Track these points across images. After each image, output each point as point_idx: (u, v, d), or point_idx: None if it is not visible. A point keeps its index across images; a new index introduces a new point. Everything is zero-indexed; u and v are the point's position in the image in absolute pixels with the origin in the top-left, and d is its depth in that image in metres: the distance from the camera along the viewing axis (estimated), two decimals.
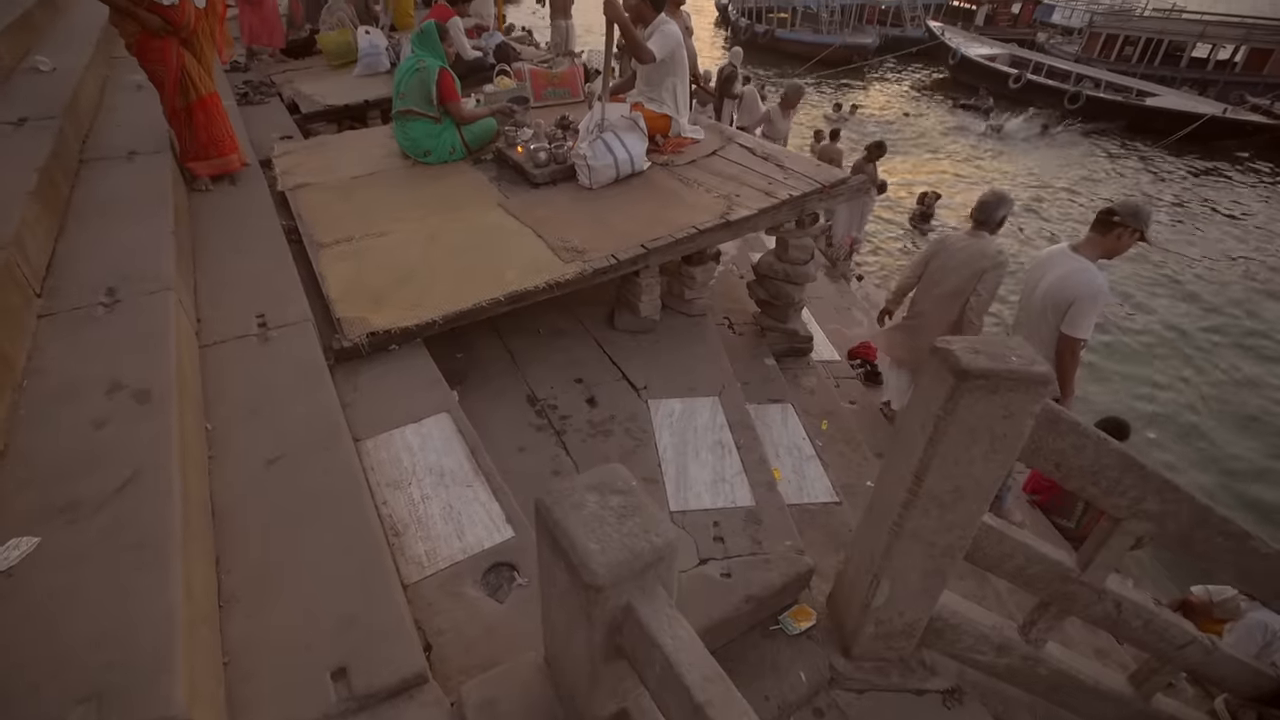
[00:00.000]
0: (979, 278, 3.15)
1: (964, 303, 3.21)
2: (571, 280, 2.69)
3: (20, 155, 2.41)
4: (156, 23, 2.65)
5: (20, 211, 2.00)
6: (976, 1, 23.14)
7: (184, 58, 2.81)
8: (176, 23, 2.71)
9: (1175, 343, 7.13)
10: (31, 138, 2.59)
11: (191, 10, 2.76)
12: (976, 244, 3.23)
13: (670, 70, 3.71)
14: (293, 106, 5.35)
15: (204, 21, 2.90)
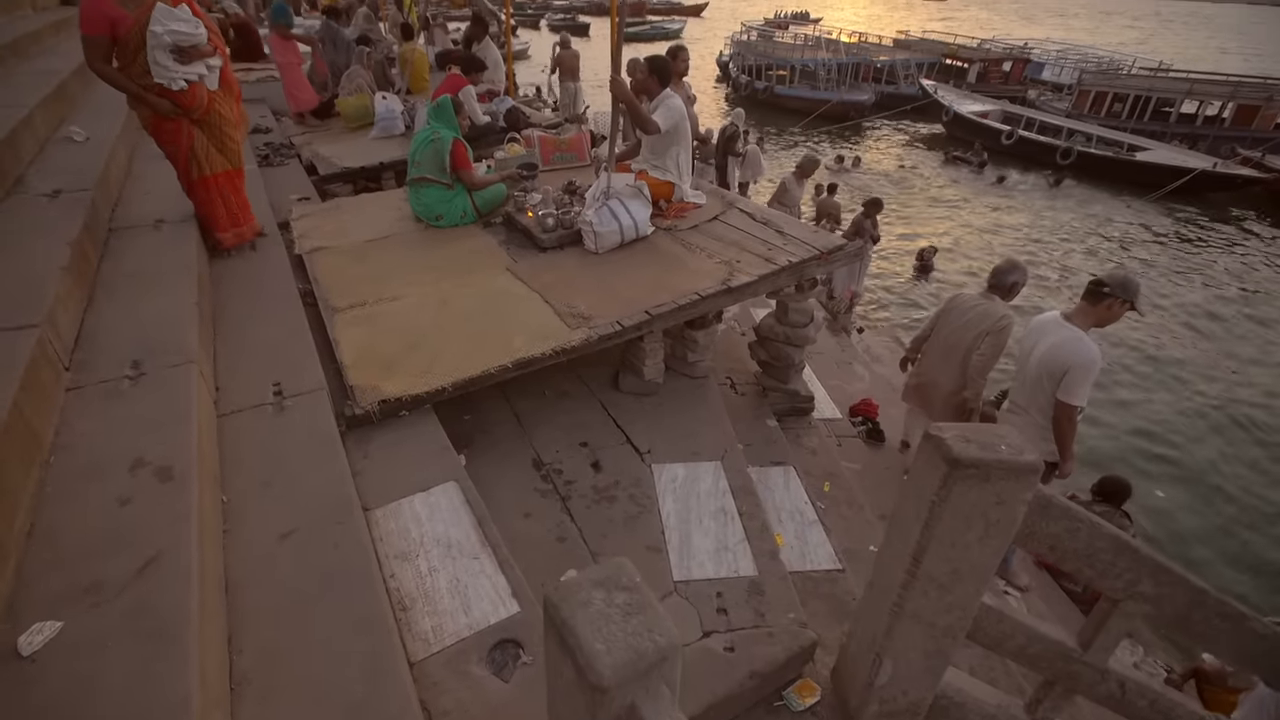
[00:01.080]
0: (982, 339, 3.32)
1: (967, 359, 3.37)
2: (577, 347, 2.77)
3: (54, 229, 2.53)
4: (166, 107, 2.72)
5: (54, 288, 2.10)
6: (968, 60, 24.01)
7: (193, 137, 2.85)
8: (186, 106, 2.75)
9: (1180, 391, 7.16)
10: (65, 210, 2.72)
11: (204, 93, 2.79)
12: (985, 306, 3.41)
13: (674, 140, 3.88)
14: (311, 168, 5.57)
15: (219, 102, 2.91)
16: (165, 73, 2.59)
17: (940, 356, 3.57)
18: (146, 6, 2.51)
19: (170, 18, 2.54)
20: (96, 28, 2.52)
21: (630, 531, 2.45)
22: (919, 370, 3.78)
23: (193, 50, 2.66)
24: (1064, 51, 25.69)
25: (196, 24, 2.65)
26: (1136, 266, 10.52)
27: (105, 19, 2.51)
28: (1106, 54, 25.26)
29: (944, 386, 3.54)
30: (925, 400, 3.74)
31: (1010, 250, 11.05)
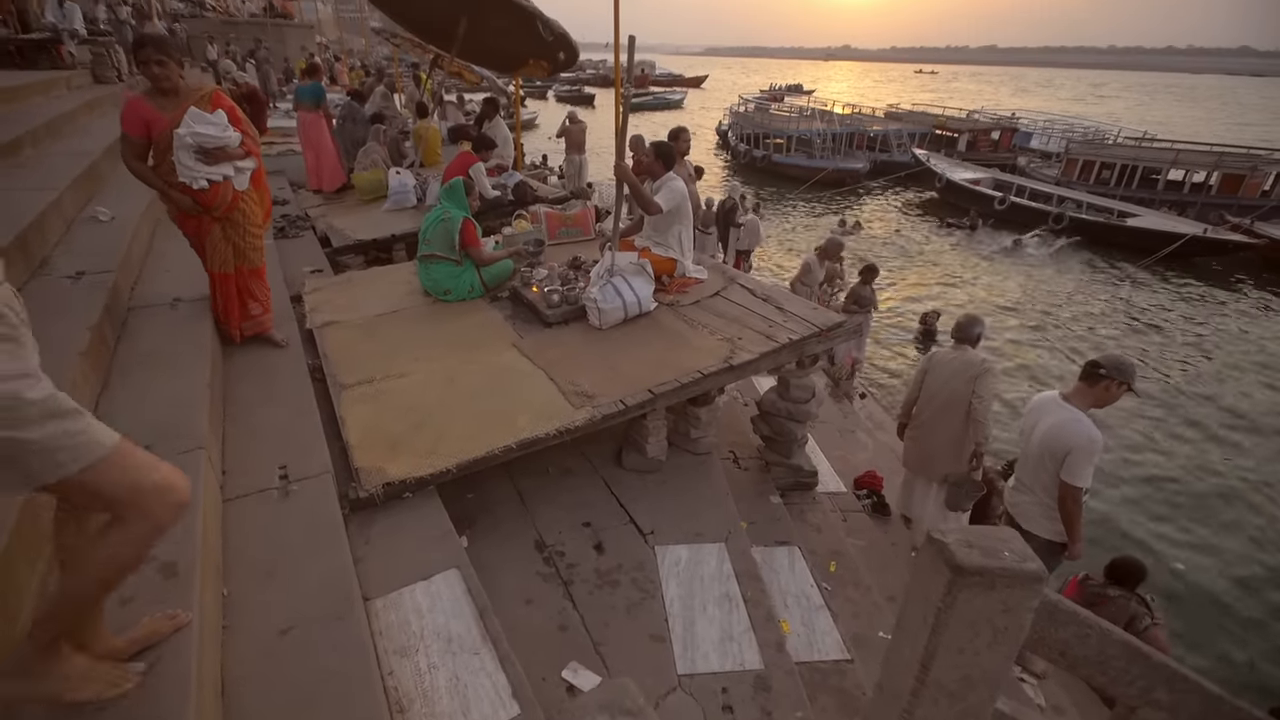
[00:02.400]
0: (973, 384, 3.57)
1: (965, 409, 3.60)
2: (581, 426, 2.79)
3: (75, 312, 2.61)
4: (187, 203, 2.77)
5: (71, 374, 2.15)
6: (957, 130, 24.97)
7: (211, 233, 2.88)
8: (206, 204, 2.80)
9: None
10: (87, 293, 2.81)
11: (227, 192, 2.82)
12: (963, 357, 3.68)
13: (676, 219, 4.02)
14: (325, 240, 5.75)
15: (245, 201, 2.92)
16: (188, 172, 2.68)
17: (938, 412, 3.73)
18: (181, 110, 2.63)
19: (199, 121, 2.65)
20: (135, 129, 2.64)
21: (633, 619, 2.41)
22: (917, 433, 3.88)
23: (219, 152, 2.73)
24: (1050, 122, 26.76)
25: (227, 128, 2.74)
26: (1144, 333, 10.62)
27: (142, 121, 2.63)
28: (1092, 124, 26.30)
29: (946, 440, 3.70)
30: (926, 460, 3.85)
31: (1013, 313, 11.19)
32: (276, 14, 24.66)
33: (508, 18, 5.93)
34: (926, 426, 3.82)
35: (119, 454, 1.18)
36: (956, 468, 3.71)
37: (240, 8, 28.78)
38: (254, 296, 3.13)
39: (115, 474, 1.16)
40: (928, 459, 3.84)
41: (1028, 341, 10.13)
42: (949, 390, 3.65)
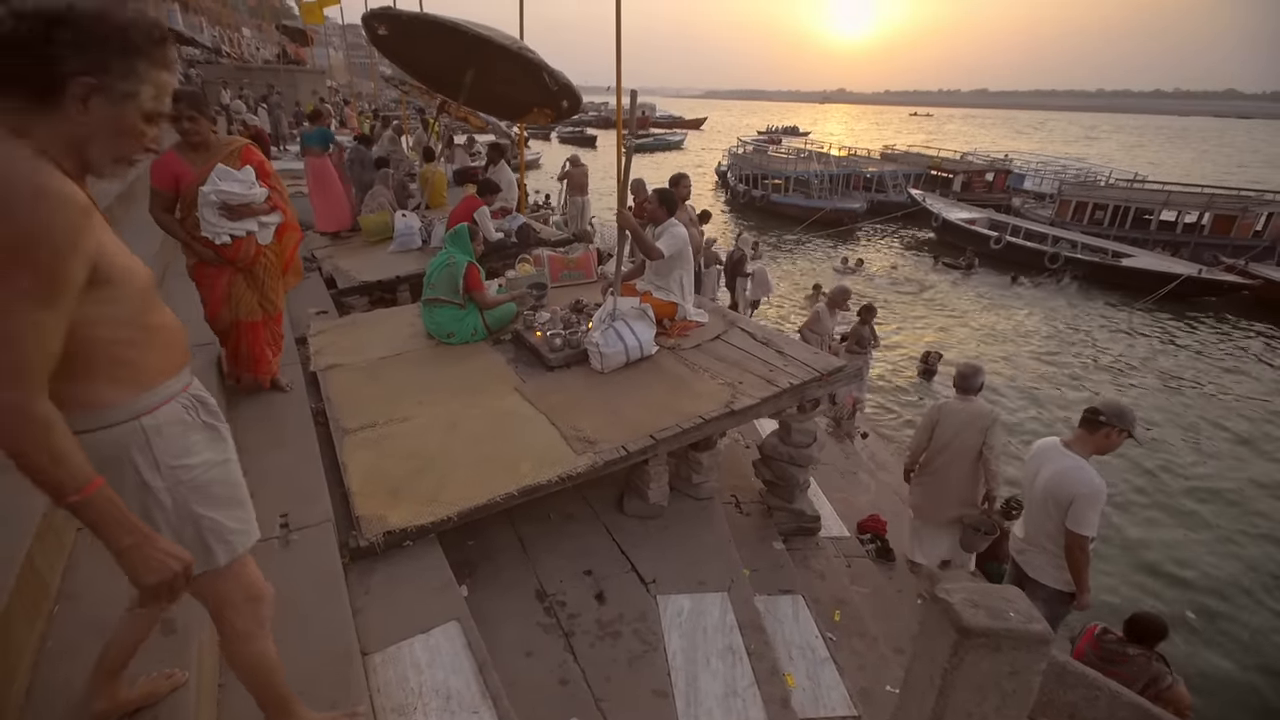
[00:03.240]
0: (984, 434, 3.73)
1: (977, 457, 3.76)
2: (583, 473, 2.79)
3: None
4: (210, 255, 2.80)
5: None
6: (952, 171, 25.50)
7: (233, 285, 2.93)
8: (230, 259, 2.84)
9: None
10: None
11: (250, 245, 2.87)
12: (971, 407, 3.82)
13: (677, 263, 4.10)
14: (330, 281, 5.83)
15: (267, 255, 2.97)
16: (210, 228, 2.73)
17: (950, 461, 3.85)
18: (210, 165, 2.67)
19: (225, 178, 2.68)
20: (161, 182, 2.69)
21: (635, 672, 2.37)
22: (928, 480, 3.96)
23: (243, 209, 2.77)
24: (1043, 163, 27.33)
25: (252, 185, 2.77)
26: (1149, 375, 10.64)
27: (171, 175, 2.67)
28: (1084, 166, 26.86)
29: (958, 487, 3.85)
30: (937, 507, 3.96)
31: (1013, 353, 11.24)
32: (289, 60, 25.48)
33: (514, 68, 6.13)
34: (938, 475, 3.92)
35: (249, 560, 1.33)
36: (969, 510, 3.86)
37: (254, 54, 29.75)
38: (269, 342, 3.15)
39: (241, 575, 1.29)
40: (939, 505, 3.95)
41: (1029, 378, 10.14)
42: (960, 441, 3.78)
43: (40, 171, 0.92)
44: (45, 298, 0.92)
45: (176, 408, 1.18)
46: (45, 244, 0.91)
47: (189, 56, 21.17)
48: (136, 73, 0.99)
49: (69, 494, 0.96)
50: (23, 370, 0.92)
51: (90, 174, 1.04)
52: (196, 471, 1.19)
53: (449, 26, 5.43)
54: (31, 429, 0.92)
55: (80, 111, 0.96)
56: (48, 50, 0.92)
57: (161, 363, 1.16)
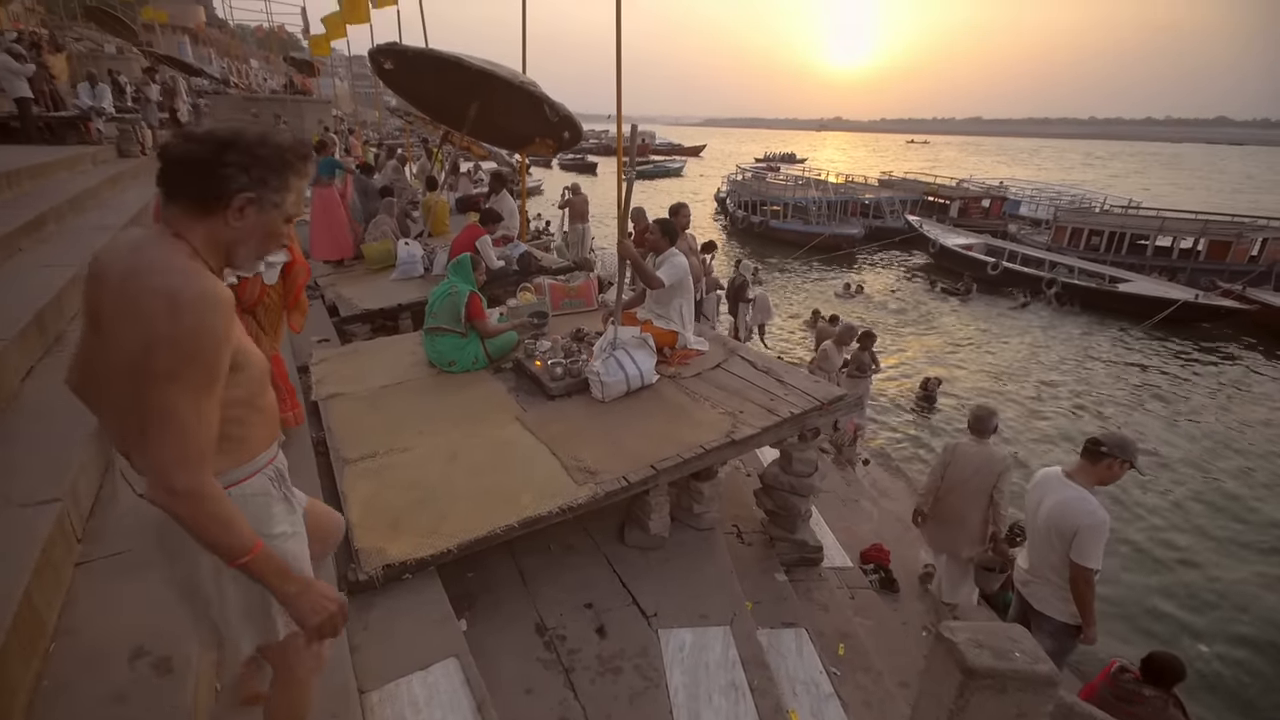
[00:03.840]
0: (997, 478, 3.89)
1: (989, 499, 3.94)
2: (584, 504, 2.77)
3: None
4: None
5: (77, 457, 2.17)
6: (948, 197, 25.80)
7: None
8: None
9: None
10: None
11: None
12: (986, 450, 3.98)
13: (677, 293, 4.13)
14: (333, 309, 5.87)
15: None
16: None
17: (959, 499, 4.02)
18: None
19: None
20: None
21: (636, 710, 2.33)
22: (941, 518, 4.13)
23: None
24: (1038, 190, 27.67)
25: None
26: (1148, 400, 10.63)
27: None
28: (1078, 192, 27.18)
29: (971, 520, 4.03)
30: (951, 539, 4.13)
31: (1013, 378, 11.24)
32: (296, 90, 25.95)
33: (516, 100, 6.26)
34: (951, 515, 4.08)
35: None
36: (978, 549, 4.06)
37: (262, 85, 30.31)
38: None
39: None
40: (952, 541, 4.13)
41: (1029, 405, 10.13)
42: (975, 483, 3.96)
43: (203, 277, 1.04)
44: (209, 388, 1.04)
45: (264, 479, 1.25)
46: (209, 342, 1.02)
47: (198, 87, 21.57)
48: (287, 185, 1.14)
49: (240, 556, 1.06)
50: (198, 456, 1.03)
51: (232, 269, 1.17)
52: (275, 542, 1.23)
53: (453, 61, 5.55)
54: (209, 506, 1.03)
55: (236, 219, 1.10)
56: (217, 169, 1.06)
57: (261, 437, 1.25)
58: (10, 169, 5.42)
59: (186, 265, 1.04)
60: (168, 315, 0.99)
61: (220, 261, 1.13)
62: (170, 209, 1.08)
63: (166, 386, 1.00)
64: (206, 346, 1.02)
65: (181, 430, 1.00)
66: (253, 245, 1.15)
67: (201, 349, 1.02)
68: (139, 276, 1.02)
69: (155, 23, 27.83)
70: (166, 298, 0.99)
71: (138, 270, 1.03)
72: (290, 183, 1.14)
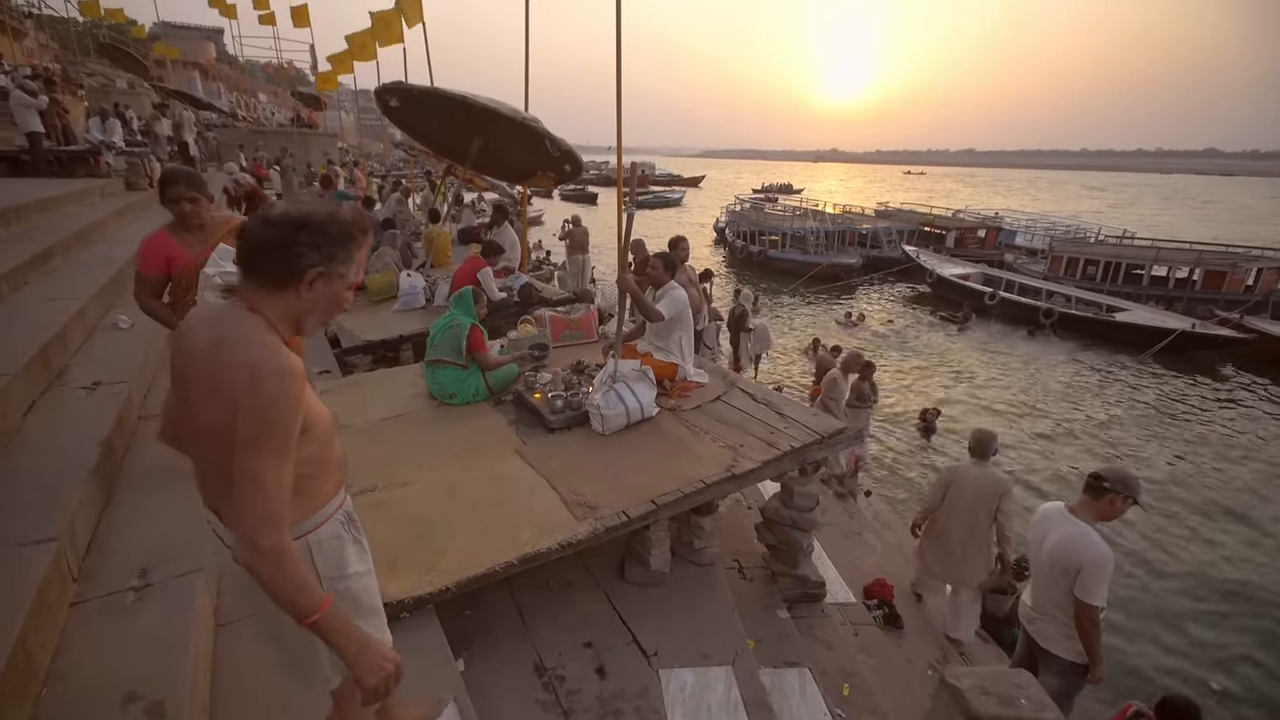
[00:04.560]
0: (1000, 499, 4.06)
1: (992, 521, 4.09)
2: (583, 540, 2.75)
3: (87, 426, 2.65)
4: None
5: (76, 494, 2.16)
6: (944, 228, 26.11)
7: None
8: None
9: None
10: (101, 405, 2.87)
11: None
12: (986, 473, 4.15)
13: (677, 325, 4.16)
14: (334, 340, 5.89)
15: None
16: None
17: (959, 522, 4.18)
18: (209, 246, 2.51)
19: (228, 257, 2.46)
20: (154, 267, 2.48)
21: None
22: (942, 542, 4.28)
23: None
24: (1033, 220, 28.02)
25: None
26: (1150, 432, 10.60)
27: (163, 258, 2.48)
28: (1073, 222, 27.53)
29: (975, 550, 4.17)
30: (953, 568, 4.27)
31: (1012, 406, 11.23)
32: (302, 124, 26.48)
33: (518, 136, 6.39)
34: (953, 538, 4.21)
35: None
36: (980, 574, 4.17)
37: (269, 118, 30.92)
38: None
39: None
40: (955, 566, 4.25)
41: (1031, 435, 10.10)
42: (977, 506, 4.10)
43: (280, 351, 1.14)
44: (285, 453, 1.13)
45: (335, 524, 1.34)
46: (286, 411, 1.12)
47: (206, 120, 22.02)
48: (350, 257, 1.23)
49: (309, 615, 1.14)
50: (276, 516, 1.11)
51: (300, 335, 1.27)
52: (350, 582, 1.35)
53: (457, 99, 5.68)
54: (285, 563, 1.11)
55: (306, 291, 1.19)
56: (292, 250, 1.15)
57: (330, 487, 1.34)
58: (19, 203, 5.50)
59: (265, 339, 1.13)
60: (249, 386, 1.08)
61: (291, 330, 1.22)
62: (247, 285, 1.18)
63: (250, 453, 1.09)
64: (284, 415, 1.11)
65: (264, 493, 1.09)
66: (320, 313, 1.25)
67: (280, 418, 1.11)
68: (222, 349, 1.12)
69: (166, 58, 28.55)
70: (248, 370, 1.09)
71: (221, 344, 1.12)
72: (353, 254, 1.24)
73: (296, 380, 1.13)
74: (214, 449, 1.13)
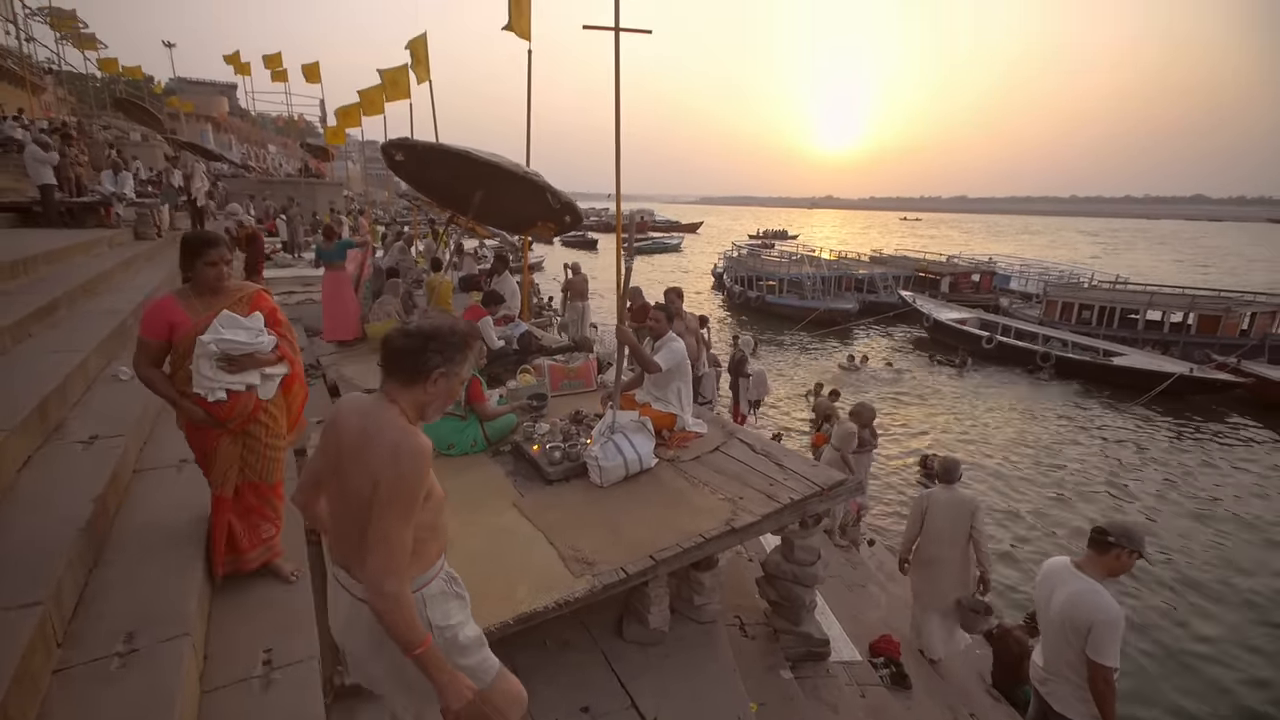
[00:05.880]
0: (972, 517, 4.37)
1: (966, 541, 4.37)
2: (581, 598, 2.69)
3: (81, 481, 2.62)
4: (199, 414, 2.34)
5: (66, 554, 2.13)
6: (939, 273, 26.47)
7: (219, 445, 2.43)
8: (220, 417, 2.37)
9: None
10: (97, 460, 2.85)
11: (249, 402, 2.42)
12: (956, 495, 4.48)
13: (675, 375, 4.17)
14: (334, 389, 5.90)
15: (266, 412, 2.51)
16: (205, 382, 2.30)
17: (941, 547, 4.45)
18: (213, 312, 2.35)
19: (230, 325, 2.33)
20: (155, 333, 2.32)
21: None
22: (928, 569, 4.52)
23: (246, 359, 2.37)
24: (1027, 265, 28.44)
25: (261, 333, 2.41)
26: (1154, 480, 10.50)
27: (166, 324, 2.31)
28: (1066, 267, 27.93)
29: (956, 570, 4.44)
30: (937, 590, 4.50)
31: (1016, 450, 11.16)
32: (310, 174, 27.14)
33: (520, 189, 6.54)
34: (937, 563, 4.46)
35: (501, 674, 1.76)
36: (965, 591, 4.40)
37: (278, 168, 31.72)
38: (265, 515, 2.62)
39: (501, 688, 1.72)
40: (943, 592, 4.46)
41: (1031, 481, 10.00)
42: (953, 529, 4.39)
43: (414, 434, 1.47)
44: (409, 517, 1.44)
45: (440, 581, 1.65)
46: (417, 482, 1.44)
47: (217, 171, 22.58)
48: (465, 359, 1.58)
49: (415, 649, 1.44)
50: (399, 568, 1.42)
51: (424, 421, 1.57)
52: (454, 630, 1.63)
53: (460, 154, 5.84)
54: (401, 606, 1.41)
55: (431, 386, 1.53)
56: (423, 356, 1.50)
57: (437, 549, 1.64)
58: (28, 254, 5.59)
59: (402, 424, 1.47)
60: (390, 462, 1.41)
61: (417, 417, 1.54)
62: (388, 382, 1.53)
63: (385, 515, 1.40)
64: (415, 485, 1.43)
65: (391, 549, 1.40)
66: (439, 403, 1.57)
67: (411, 488, 1.42)
68: (370, 432, 1.46)
69: (180, 111, 29.49)
70: (391, 449, 1.42)
71: (369, 427, 1.47)
72: (468, 356, 1.58)
73: (426, 459, 1.44)
74: (355, 513, 1.44)
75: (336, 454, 1.52)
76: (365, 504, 1.42)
